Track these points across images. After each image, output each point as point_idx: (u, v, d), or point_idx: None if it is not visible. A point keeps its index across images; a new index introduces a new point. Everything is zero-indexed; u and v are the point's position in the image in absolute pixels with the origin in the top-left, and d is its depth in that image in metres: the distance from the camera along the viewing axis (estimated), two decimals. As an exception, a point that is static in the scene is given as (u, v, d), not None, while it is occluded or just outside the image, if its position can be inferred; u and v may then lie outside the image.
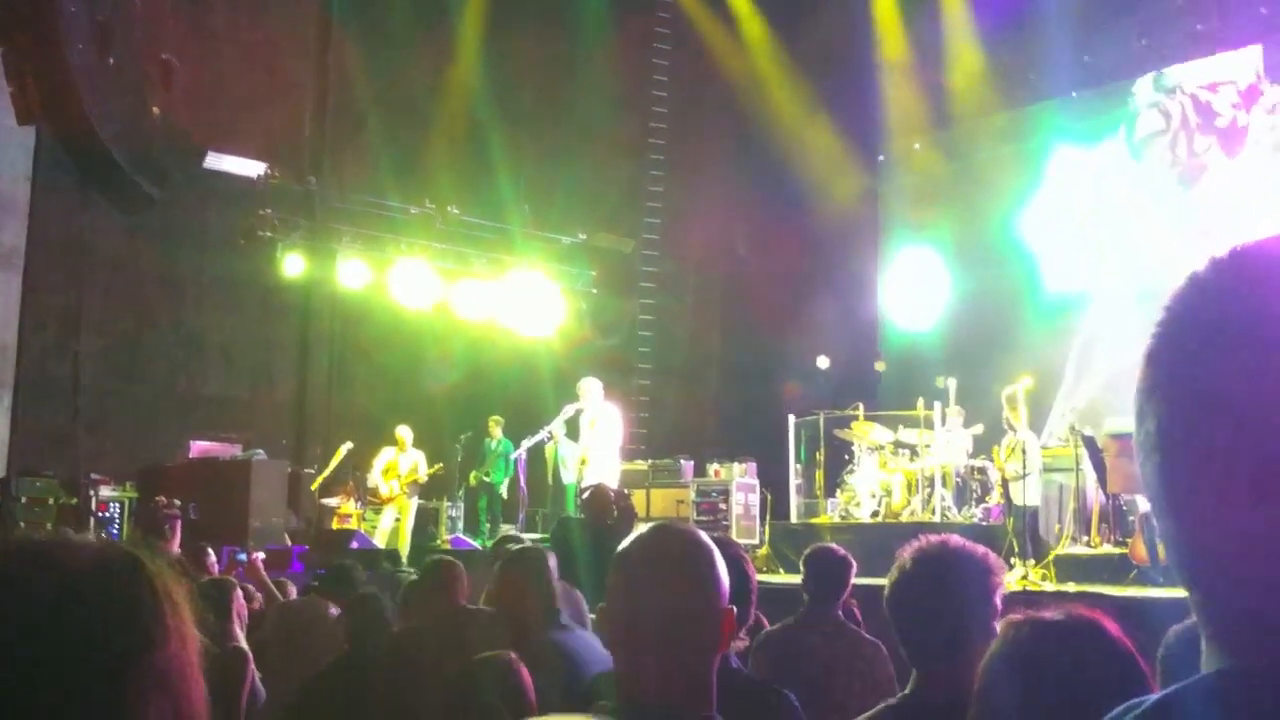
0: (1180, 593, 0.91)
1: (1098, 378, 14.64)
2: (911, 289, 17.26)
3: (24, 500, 13.10)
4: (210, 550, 7.51)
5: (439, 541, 14.21)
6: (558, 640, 4.04)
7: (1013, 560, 10.53)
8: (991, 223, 16.35)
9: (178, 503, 12.21)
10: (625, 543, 1.88)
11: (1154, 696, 0.88)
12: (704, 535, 1.92)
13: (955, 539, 2.93)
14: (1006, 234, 16.09)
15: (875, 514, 12.58)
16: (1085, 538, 11.22)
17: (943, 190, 17.31)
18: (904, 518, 12.22)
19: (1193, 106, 14.60)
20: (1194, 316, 0.89)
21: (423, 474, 14.17)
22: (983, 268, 16.33)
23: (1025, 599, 8.08)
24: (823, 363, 17.05)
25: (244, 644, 5.10)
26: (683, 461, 14.92)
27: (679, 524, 2.03)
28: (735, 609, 1.87)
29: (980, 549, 2.88)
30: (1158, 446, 0.89)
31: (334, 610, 5.70)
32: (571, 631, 4.18)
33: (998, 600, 2.85)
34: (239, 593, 5.20)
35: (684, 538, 1.89)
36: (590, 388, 12.51)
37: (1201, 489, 0.86)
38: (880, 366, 17.50)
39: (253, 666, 4.97)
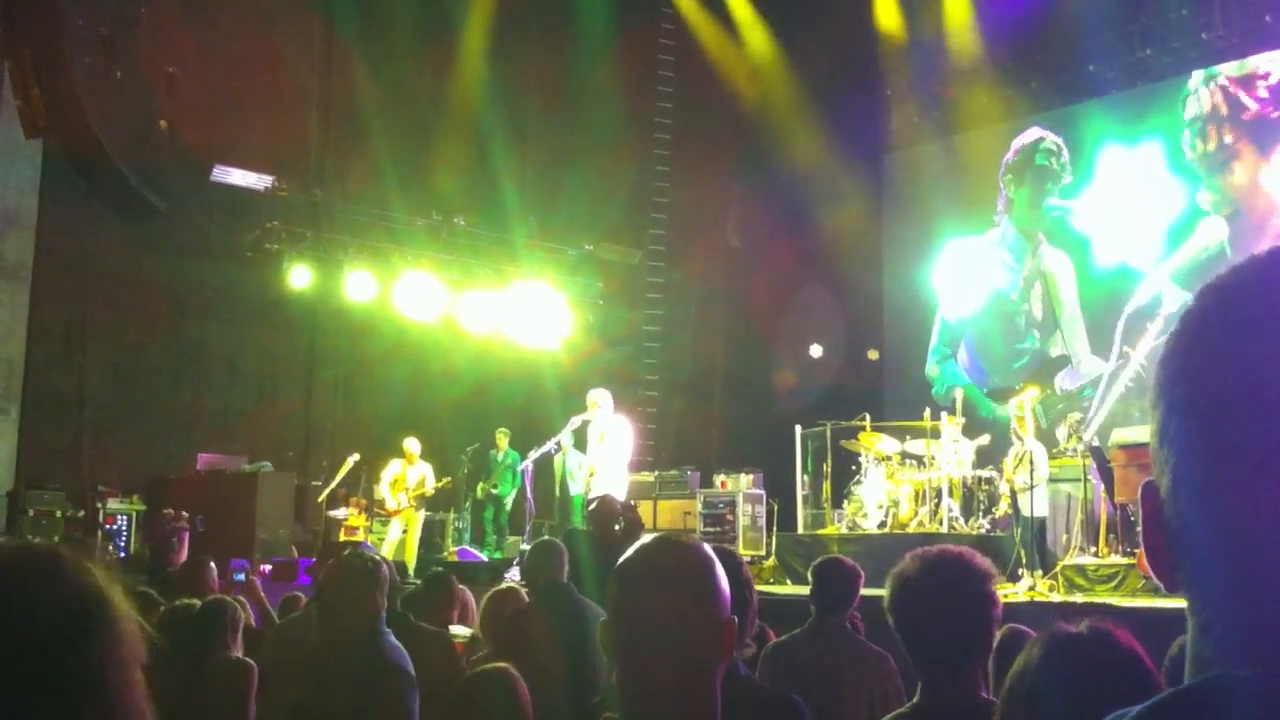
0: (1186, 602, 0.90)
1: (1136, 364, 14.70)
2: (960, 281, 17.29)
3: (31, 513, 13.11)
4: (212, 564, 7.48)
5: (445, 554, 14.20)
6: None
7: (1020, 571, 10.52)
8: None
9: (185, 515, 12.24)
10: (625, 556, 1.86)
11: (1135, 709, 0.87)
12: (704, 546, 1.91)
13: (953, 548, 2.92)
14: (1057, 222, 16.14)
15: (882, 525, 12.55)
16: (1093, 548, 11.19)
17: (979, 184, 17.22)
18: (911, 528, 12.19)
19: (1223, 97, 14.52)
20: (1215, 320, 0.88)
21: (430, 487, 14.17)
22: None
23: (1032, 610, 8.07)
24: (815, 351, 17.09)
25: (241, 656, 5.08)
26: (689, 472, 14.92)
27: (678, 535, 2.02)
28: (736, 619, 1.86)
29: (977, 556, 2.88)
30: (1172, 450, 0.88)
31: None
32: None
33: (999, 608, 2.85)
34: (237, 611, 5.17)
35: (683, 549, 1.88)
36: (601, 399, 12.49)
37: (1219, 496, 0.85)
38: (873, 355, 17.54)
39: (255, 679, 4.95)
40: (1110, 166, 15.53)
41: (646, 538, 1.96)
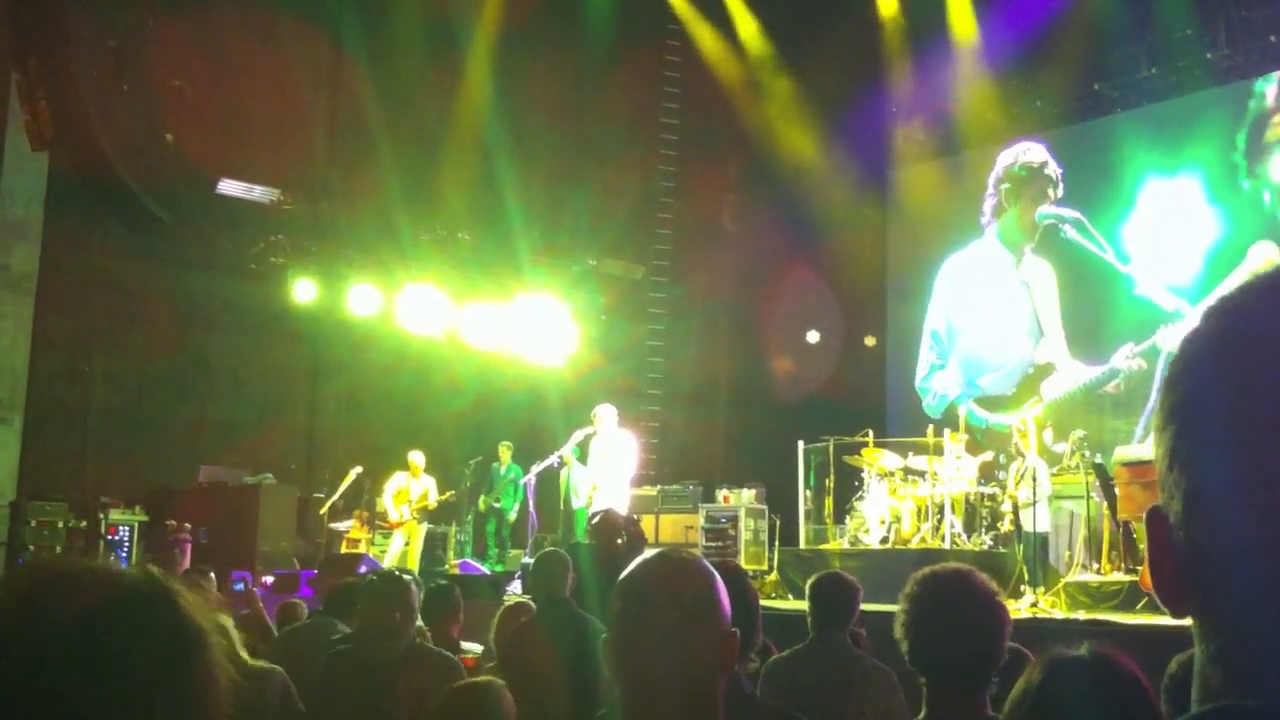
0: (1188, 621, 0.89)
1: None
2: (947, 291, 17.28)
3: (33, 523, 13.12)
4: (211, 574, 7.48)
5: (447, 566, 14.20)
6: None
7: (1023, 587, 10.50)
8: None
9: (188, 526, 12.24)
10: (626, 571, 1.88)
11: None
12: (704, 560, 1.93)
13: (965, 567, 2.93)
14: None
15: (885, 540, 12.53)
16: (1096, 565, 11.18)
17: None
18: (913, 544, 12.17)
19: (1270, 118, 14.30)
20: (1231, 341, 0.86)
21: (433, 500, 14.17)
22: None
23: (1034, 626, 8.06)
24: (812, 337, 17.08)
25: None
26: (692, 487, 14.91)
27: (678, 550, 2.03)
28: (737, 632, 1.87)
29: (986, 577, 2.89)
30: (1185, 475, 0.86)
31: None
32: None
33: (1009, 625, 2.85)
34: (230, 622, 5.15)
35: (684, 564, 1.90)
36: (604, 414, 12.50)
37: (1230, 521, 0.83)
38: (870, 341, 17.55)
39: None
40: (1132, 190, 15.30)
41: (648, 552, 1.97)
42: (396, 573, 5.21)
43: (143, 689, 1.03)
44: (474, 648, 6.22)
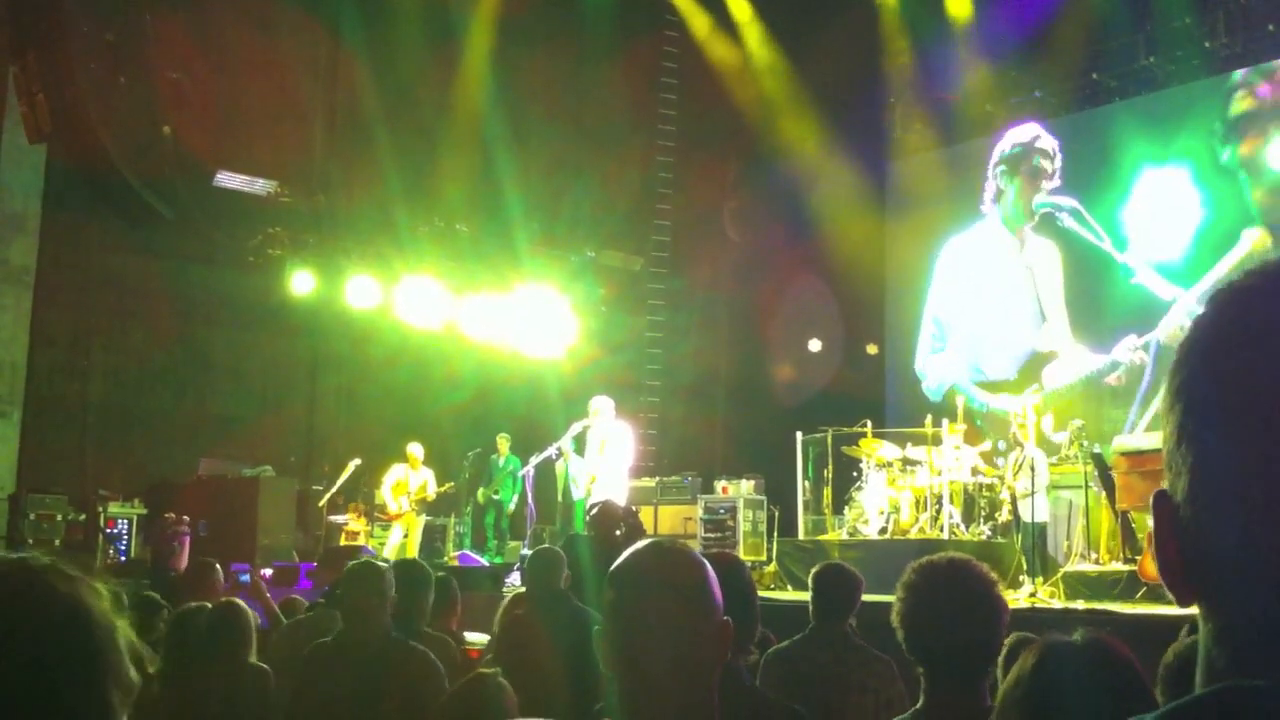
0: (1187, 611, 0.90)
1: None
2: (948, 275, 17.33)
3: (32, 516, 13.12)
4: (217, 566, 7.50)
5: (446, 558, 14.21)
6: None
7: (1021, 577, 10.52)
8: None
9: (187, 519, 12.25)
10: (618, 561, 1.88)
11: (1149, 716, 0.87)
12: (695, 551, 1.93)
13: (963, 557, 2.94)
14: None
15: (883, 531, 12.55)
16: (1094, 555, 11.20)
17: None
18: (912, 535, 12.19)
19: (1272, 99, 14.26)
20: (1238, 322, 0.87)
21: (431, 492, 14.18)
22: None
23: (1033, 616, 8.07)
24: (814, 346, 17.10)
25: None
26: (690, 478, 14.92)
27: (670, 540, 2.03)
28: (731, 621, 1.87)
29: (981, 563, 2.90)
30: (1192, 450, 0.87)
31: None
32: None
33: (1007, 613, 2.86)
34: (250, 616, 5.16)
35: (675, 553, 1.90)
36: (602, 406, 12.49)
37: (1248, 495, 0.83)
38: (872, 349, 17.55)
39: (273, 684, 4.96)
40: (1128, 178, 15.30)
41: (640, 543, 1.97)
42: (373, 560, 5.19)
43: (21, 678, 1.01)
44: (479, 638, 6.23)
